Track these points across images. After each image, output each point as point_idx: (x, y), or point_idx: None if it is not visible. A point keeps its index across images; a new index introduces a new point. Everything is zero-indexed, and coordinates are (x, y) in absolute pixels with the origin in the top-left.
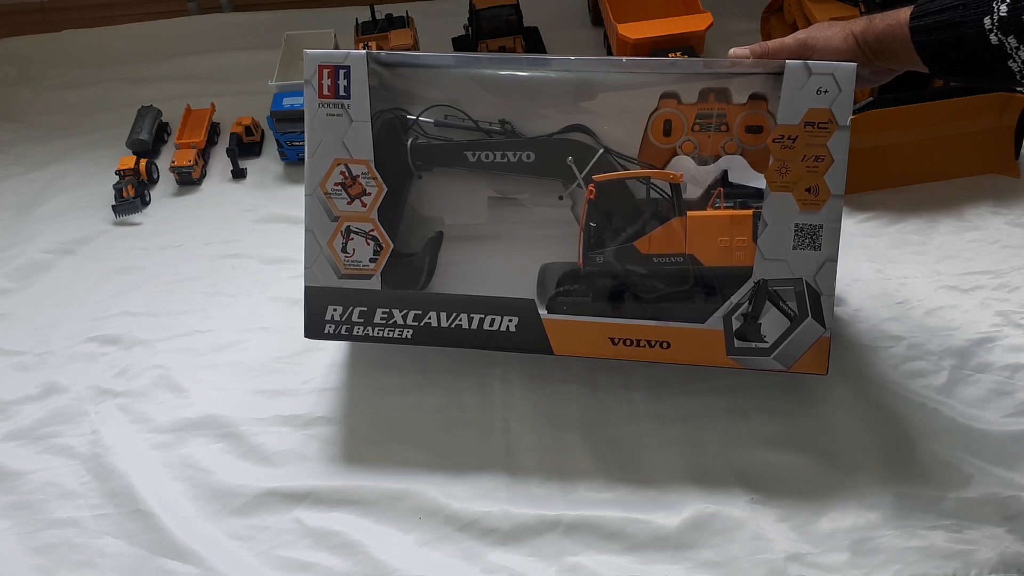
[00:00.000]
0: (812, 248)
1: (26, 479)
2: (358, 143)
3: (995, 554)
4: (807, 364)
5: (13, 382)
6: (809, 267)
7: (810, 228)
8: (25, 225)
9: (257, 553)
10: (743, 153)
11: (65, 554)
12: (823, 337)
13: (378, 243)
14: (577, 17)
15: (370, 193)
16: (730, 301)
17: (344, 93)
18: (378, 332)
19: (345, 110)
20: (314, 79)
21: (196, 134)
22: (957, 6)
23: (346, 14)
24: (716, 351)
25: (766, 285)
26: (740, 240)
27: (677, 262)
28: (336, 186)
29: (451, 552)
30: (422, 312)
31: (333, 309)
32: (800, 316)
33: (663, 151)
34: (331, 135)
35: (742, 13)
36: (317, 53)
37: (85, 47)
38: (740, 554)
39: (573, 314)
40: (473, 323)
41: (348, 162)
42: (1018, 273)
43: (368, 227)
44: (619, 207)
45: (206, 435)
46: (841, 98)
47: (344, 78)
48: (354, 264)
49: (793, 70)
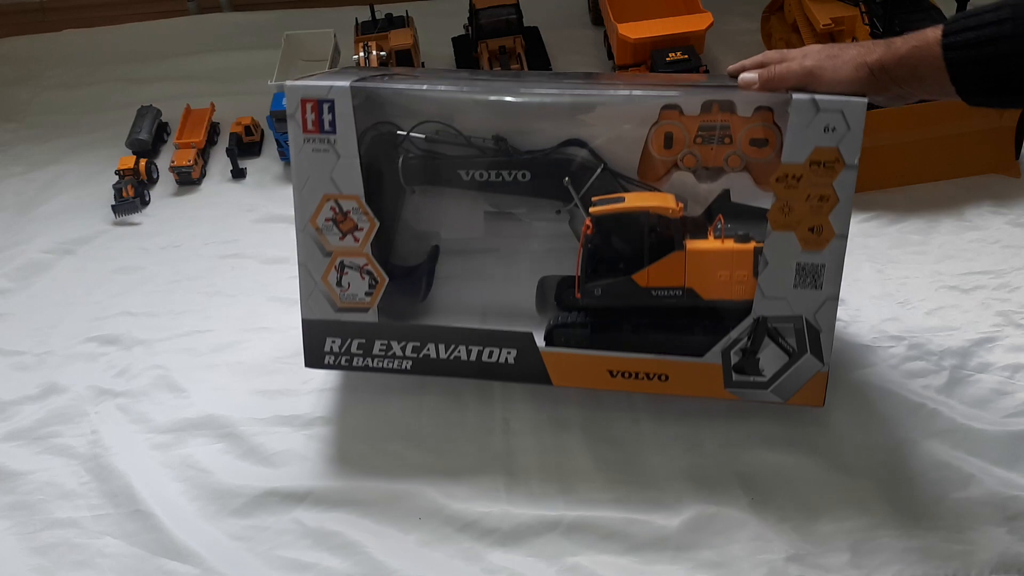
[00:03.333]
0: (813, 287)
1: (26, 479)
2: (347, 179)
3: (995, 554)
4: (804, 397)
5: (13, 382)
6: (809, 305)
7: (812, 267)
8: (25, 225)
9: (257, 553)
10: (747, 166)
11: (65, 554)
12: (821, 372)
13: (373, 277)
14: (577, 17)
15: (362, 228)
16: (729, 336)
17: (329, 128)
18: (377, 363)
19: (331, 145)
20: (297, 114)
21: (196, 134)
22: (1003, 20)
23: (346, 14)
24: (714, 384)
25: (765, 322)
26: (740, 274)
27: (676, 295)
28: (327, 221)
29: (451, 552)
30: (420, 344)
31: (332, 341)
32: (799, 352)
33: (663, 164)
34: (318, 171)
35: (742, 13)
36: (299, 85)
37: (85, 47)
38: (740, 554)
39: (571, 347)
40: (472, 355)
41: (338, 198)
42: (1018, 273)
43: (362, 262)
44: (617, 239)
45: (206, 435)
46: (849, 136)
47: (328, 112)
48: (349, 298)
49: (800, 106)
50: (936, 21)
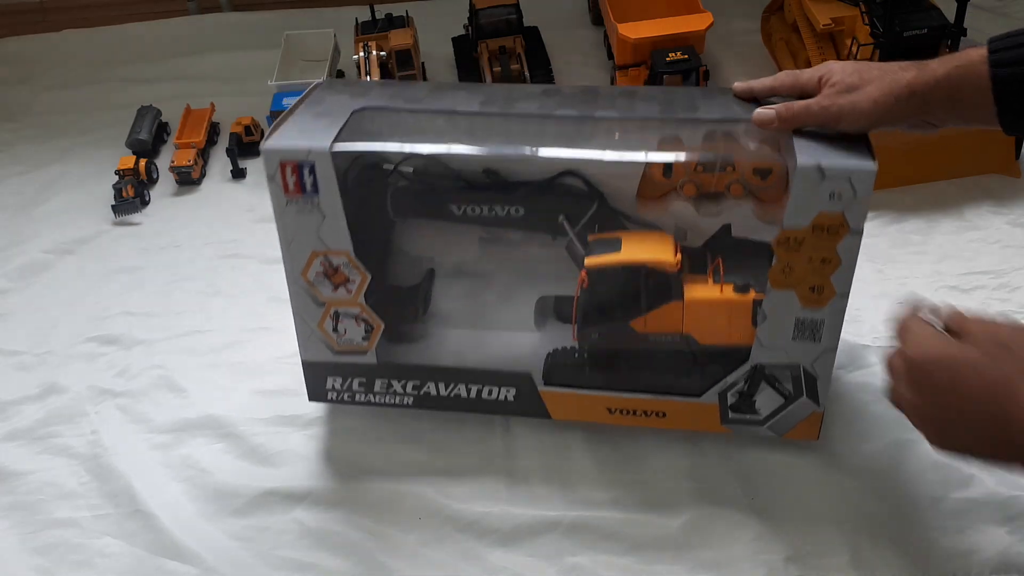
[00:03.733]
0: (812, 340)
1: (25, 479)
2: (334, 236)
3: (995, 554)
4: (799, 432)
5: (12, 382)
6: (807, 355)
7: (811, 322)
8: (25, 225)
9: (257, 553)
10: (749, 194)
11: (64, 554)
12: (816, 412)
13: (368, 324)
14: (577, 17)
15: (354, 281)
16: (726, 380)
17: (312, 189)
18: (379, 399)
19: (315, 206)
20: (277, 176)
21: (196, 134)
22: None
23: (346, 14)
24: (711, 420)
25: (763, 369)
26: (739, 323)
27: (673, 340)
28: (318, 275)
29: (451, 552)
30: (420, 383)
31: (332, 379)
32: (795, 395)
33: (663, 186)
34: (304, 230)
35: (742, 13)
36: (276, 148)
37: (85, 47)
38: (740, 555)
39: (569, 386)
40: (471, 393)
41: (327, 253)
42: (1018, 273)
43: (356, 311)
44: (613, 290)
45: (206, 435)
46: (856, 203)
47: (309, 174)
48: (347, 342)
49: (804, 173)
50: (936, 21)
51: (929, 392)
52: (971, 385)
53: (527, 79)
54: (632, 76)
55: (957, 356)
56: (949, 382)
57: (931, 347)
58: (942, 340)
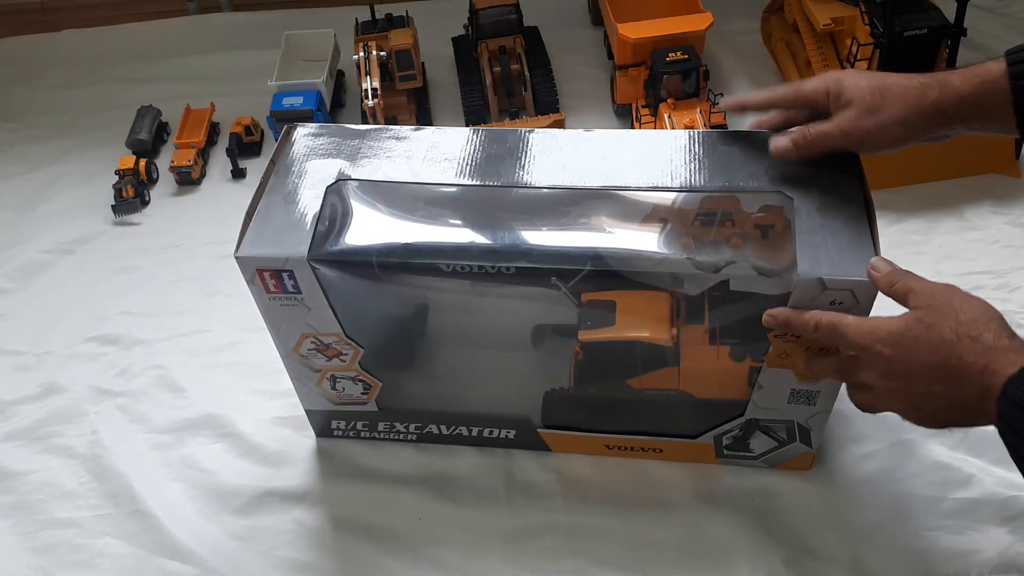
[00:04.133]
0: (808, 404)
1: (26, 479)
2: (322, 322)
3: (995, 554)
4: (792, 465)
5: (13, 382)
6: (802, 415)
7: (807, 392)
8: (25, 225)
9: (257, 553)
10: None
11: (65, 554)
12: (808, 452)
13: (366, 383)
14: (577, 17)
15: (347, 354)
16: (721, 427)
17: (293, 289)
18: (383, 436)
19: (299, 301)
20: (255, 280)
21: (196, 134)
22: None
23: (346, 14)
24: (706, 455)
25: (757, 423)
26: (734, 385)
27: (670, 395)
28: (310, 350)
29: (451, 552)
30: (422, 424)
31: (336, 422)
32: (788, 441)
33: None
34: (291, 319)
35: (742, 13)
36: (251, 256)
37: (85, 47)
38: (740, 556)
39: (567, 429)
40: (472, 432)
41: (316, 335)
42: (1018, 273)
43: (353, 374)
44: (609, 358)
45: (206, 435)
46: (858, 309)
47: (289, 278)
48: (346, 397)
49: (805, 285)
50: (936, 21)
51: (887, 376)
52: (921, 357)
53: (527, 79)
54: (632, 76)
55: (901, 330)
56: (903, 358)
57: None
58: (878, 320)
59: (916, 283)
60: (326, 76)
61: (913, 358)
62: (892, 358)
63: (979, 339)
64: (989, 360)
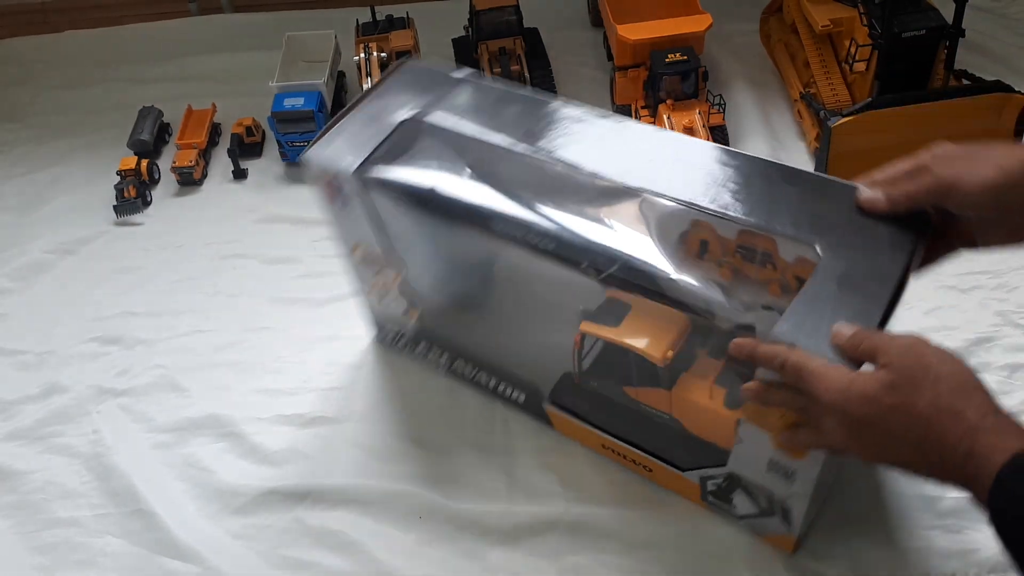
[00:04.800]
0: (785, 478)
1: (27, 479)
2: (367, 236)
3: (995, 554)
4: (774, 542)
5: (14, 382)
6: (781, 489)
7: (784, 467)
8: (27, 225)
9: (258, 552)
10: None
11: (66, 553)
12: (789, 535)
13: (408, 304)
14: (577, 18)
15: (390, 272)
16: (707, 470)
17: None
18: (420, 357)
19: (352, 208)
20: (318, 181)
21: (197, 134)
22: None
23: (347, 15)
24: (692, 492)
25: (739, 479)
26: (722, 431)
27: (663, 417)
28: (362, 259)
29: (451, 552)
30: (452, 357)
31: (386, 330)
32: (769, 512)
33: None
34: (345, 225)
35: (742, 14)
36: (312, 160)
37: (86, 48)
38: (740, 556)
39: (571, 412)
40: (490, 383)
41: (365, 248)
42: (1017, 273)
43: (395, 294)
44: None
45: (207, 435)
46: None
47: (341, 189)
48: (391, 314)
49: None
50: (934, 22)
51: (855, 437)
52: (896, 431)
53: (527, 80)
54: (631, 77)
55: (872, 396)
56: (876, 424)
57: (844, 387)
58: (848, 377)
59: (881, 340)
60: (327, 77)
61: (888, 426)
62: (864, 422)
63: (961, 416)
64: (973, 443)
